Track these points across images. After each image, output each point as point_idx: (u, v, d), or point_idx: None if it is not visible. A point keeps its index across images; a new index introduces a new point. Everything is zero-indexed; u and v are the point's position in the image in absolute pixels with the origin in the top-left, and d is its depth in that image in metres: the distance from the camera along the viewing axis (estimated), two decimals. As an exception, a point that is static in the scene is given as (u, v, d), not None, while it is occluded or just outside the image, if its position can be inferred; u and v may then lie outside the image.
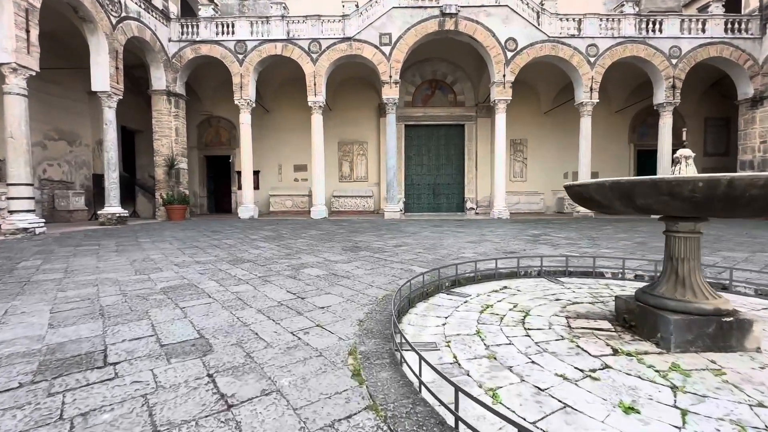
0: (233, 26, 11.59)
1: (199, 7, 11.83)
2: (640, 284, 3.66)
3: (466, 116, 14.71)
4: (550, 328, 2.42)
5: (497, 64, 11.47)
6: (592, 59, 11.50)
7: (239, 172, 13.46)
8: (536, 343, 2.19)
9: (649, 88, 14.01)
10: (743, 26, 11.64)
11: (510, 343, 2.21)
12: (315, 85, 11.61)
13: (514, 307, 2.92)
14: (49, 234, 7.65)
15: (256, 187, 14.83)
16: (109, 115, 9.26)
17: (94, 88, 9.04)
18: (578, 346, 2.12)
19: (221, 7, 14.42)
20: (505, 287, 3.60)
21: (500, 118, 11.76)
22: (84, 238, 6.97)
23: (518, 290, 3.47)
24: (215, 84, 14.15)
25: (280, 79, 14.29)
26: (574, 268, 4.12)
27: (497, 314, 2.76)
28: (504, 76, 11.47)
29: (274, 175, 15.14)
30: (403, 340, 1.90)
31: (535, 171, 14.96)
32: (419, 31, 11.39)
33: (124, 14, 9.61)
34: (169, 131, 11.43)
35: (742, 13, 12.10)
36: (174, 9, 11.79)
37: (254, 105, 12.02)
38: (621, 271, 3.95)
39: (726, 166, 14.96)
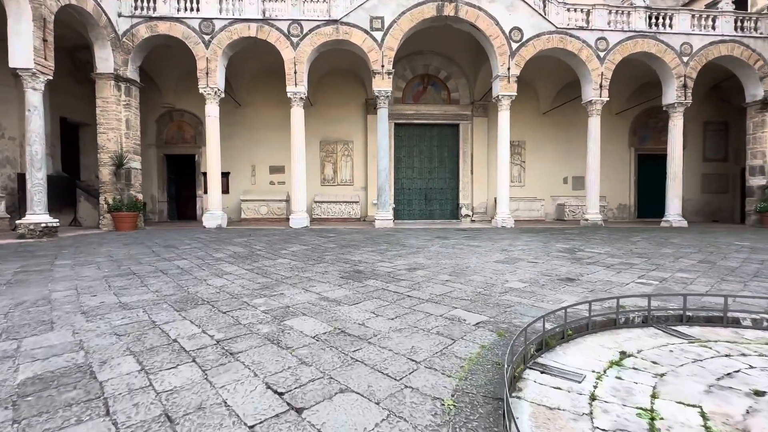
0: (198, 1, 9.87)
1: (158, -22, 10.04)
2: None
3: (461, 115, 13.53)
4: None
5: (501, 56, 10.32)
6: (601, 54, 10.58)
7: (206, 174, 11.64)
8: None
9: (650, 89, 13.36)
10: (753, 24, 11.07)
11: None
12: (295, 73, 10.05)
13: (706, 421, 1.55)
14: (-65, 252, 5.71)
15: (226, 190, 13.03)
16: (34, 98, 7.35)
17: (12, 64, 7.12)
18: None
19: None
20: (624, 352, 2.25)
21: (504, 116, 10.61)
22: (-22, 260, 5.12)
23: (654, 363, 2.12)
24: (178, 72, 12.30)
25: (255, 69, 12.64)
26: (693, 312, 2.83)
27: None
28: (508, 69, 10.34)
29: (246, 177, 13.38)
30: None
31: (533, 175, 13.96)
32: (415, 15, 10.10)
33: (56, -24, 7.75)
34: (118, 123, 9.53)
35: (749, 11, 11.56)
36: (126, -21, 9.94)
37: (223, 95, 10.31)
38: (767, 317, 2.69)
39: (727, 172, 14.51)
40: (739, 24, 11.05)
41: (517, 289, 3.52)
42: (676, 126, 11.06)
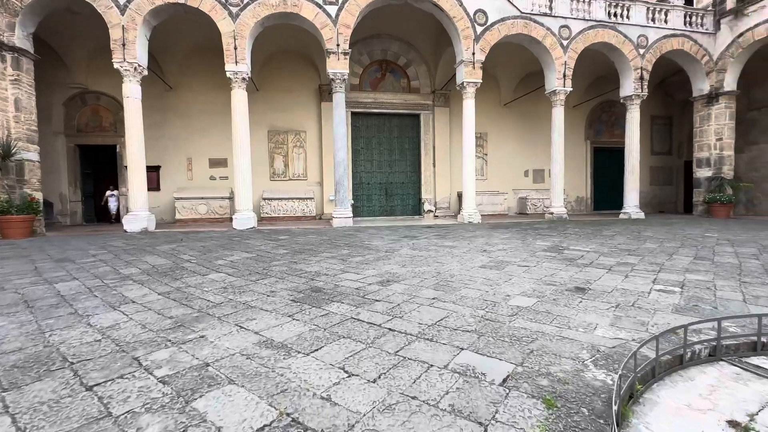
0: (109, -43, 8.10)
1: (55, -75, 8.10)
2: None
3: (422, 105, 12.78)
4: None
5: (465, 39, 9.65)
6: (565, 42, 10.29)
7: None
8: None
9: (605, 83, 13.50)
10: (699, 20, 11.40)
11: None
12: (236, 49, 8.64)
13: None
14: None
15: (156, 187, 11.26)
16: None
17: None
18: None
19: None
20: (736, 423, 1.47)
21: (468, 104, 9.97)
22: None
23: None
24: (91, 45, 10.29)
25: (189, 46, 10.95)
26: (765, 336, 2.17)
27: None
28: (473, 54, 9.69)
29: (181, 171, 11.63)
30: None
31: (495, 168, 13.60)
32: (373, -10, 9.09)
33: None
34: (3, 103, 7.54)
35: (695, 7, 11.89)
36: None
37: (146, 73, 8.63)
38: None
39: (671, 164, 15.17)
40: (688, 19, 11.32)
41: (527, 309, 2.71)
42: (633, 118, 11.12)
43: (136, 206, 8.45)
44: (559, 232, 7.57)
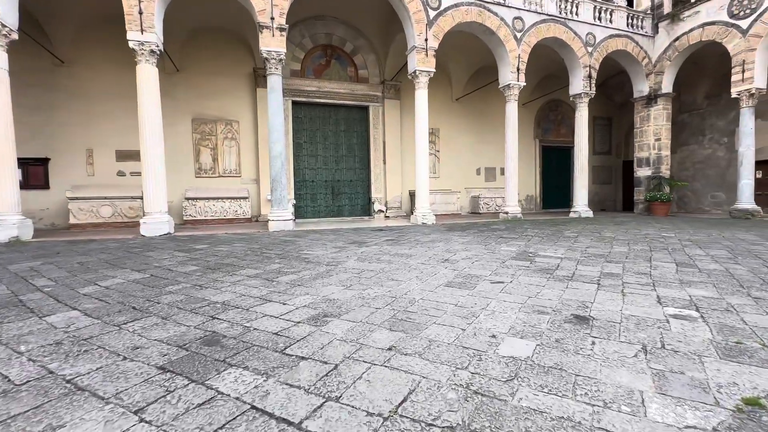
0: None
1: None
2: None
3: (371, 96, 11.81)
4: None
5: (417, 23, 8.83)
6: (518, 34, 9.89)
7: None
8: None
9: (552, 82, 13.52)
10: (640, 23, 11.67)
11: None
12: (141, 14, 7.01)
13: None
14: None
15: (44, 184, 9.13)
16: None
17: None
18: None
19: None
20: None
21: (421, 95, 9.19)
22: None
23: None
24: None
25: (86, 13, 8.98)
26: None
27: None
28: (426, 40, 8.91)
29: (79, 165, 9.54)
30: None
31: (448, 166, 13.04)
32: (314, -41, 7.92)
33: None
34: None
35: (634, 9, 12.19)
36: None
37: (15, 37, 6.67)
38: None
39: (610, 164, 15.70)
40: (630, 21, 11.54)
41: (528, 363, 1.82)
42: (582, 116, 11.09)
43: (1, 209, 6.50)
44: (519, 234, 7.00)
